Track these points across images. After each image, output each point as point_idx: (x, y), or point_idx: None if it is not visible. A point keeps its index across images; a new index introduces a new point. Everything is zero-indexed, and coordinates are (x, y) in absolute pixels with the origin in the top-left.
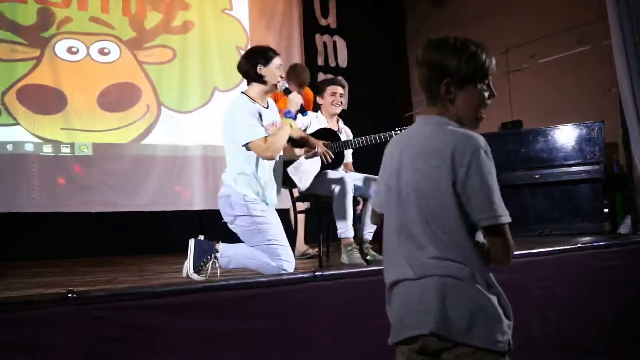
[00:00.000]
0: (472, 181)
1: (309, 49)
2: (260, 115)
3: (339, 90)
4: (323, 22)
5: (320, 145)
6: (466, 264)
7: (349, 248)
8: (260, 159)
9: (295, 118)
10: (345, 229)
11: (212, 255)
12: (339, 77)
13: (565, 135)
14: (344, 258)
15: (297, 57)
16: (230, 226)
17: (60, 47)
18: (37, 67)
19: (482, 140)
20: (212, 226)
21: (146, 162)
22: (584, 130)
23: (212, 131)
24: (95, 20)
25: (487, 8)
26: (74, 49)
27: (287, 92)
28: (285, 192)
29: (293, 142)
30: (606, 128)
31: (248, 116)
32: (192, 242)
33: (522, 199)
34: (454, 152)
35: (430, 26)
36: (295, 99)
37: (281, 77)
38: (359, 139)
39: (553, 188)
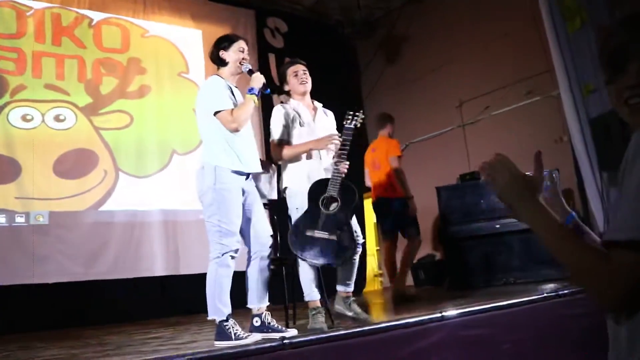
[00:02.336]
0: None
1: (266, 109)
2: (232, 91)
3: (300, 68)
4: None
5: (326, 141)
6: None
7: (313, 312)
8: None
9: (258, 95)
10: (308, 291)
11: (226, 318)
12: (296, 58)
13: None
14: (309, 322)
15: (254, 118)
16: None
17: (14, 116)
18: None
19: None
20: (174, 292)
21: (104, 229)
22: None
23: (172, 195)
24: (50, 87)
25: (440, 63)
26: (28, 117)
27: (250, 73)
28: None
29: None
30: (561, 175)
31: (218, 90)
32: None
33: (485, 249)
34: None
35: (385, 82)
36: (258, 78)
37: (244, 60)
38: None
39: (514, 237)
